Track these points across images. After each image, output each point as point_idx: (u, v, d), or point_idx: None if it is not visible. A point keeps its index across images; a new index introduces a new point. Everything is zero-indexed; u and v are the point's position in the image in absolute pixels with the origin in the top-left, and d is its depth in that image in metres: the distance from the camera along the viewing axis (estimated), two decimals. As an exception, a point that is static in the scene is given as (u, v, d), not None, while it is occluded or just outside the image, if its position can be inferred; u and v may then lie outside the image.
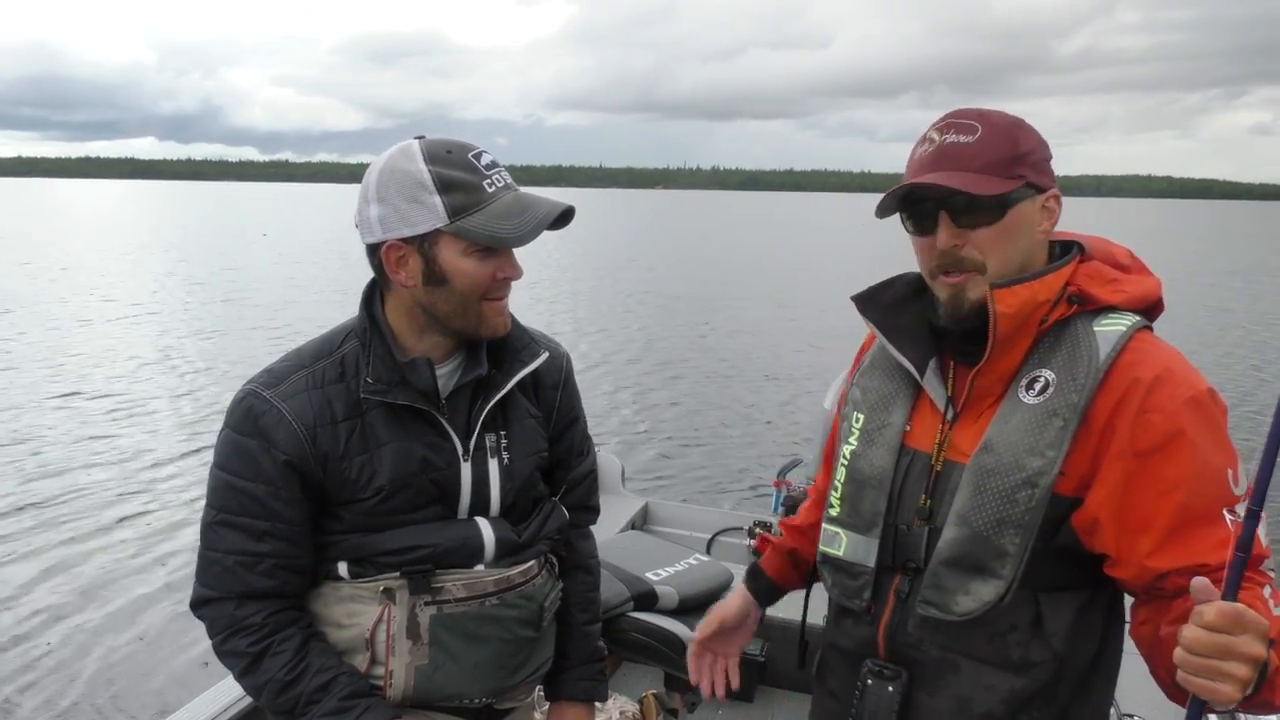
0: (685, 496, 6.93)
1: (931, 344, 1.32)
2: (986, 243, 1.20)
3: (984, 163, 1.19)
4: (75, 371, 11.05)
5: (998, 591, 1.20)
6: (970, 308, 1.23)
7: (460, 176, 1.30)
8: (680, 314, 17.07)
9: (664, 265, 28.51)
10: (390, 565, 1.39)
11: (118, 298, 17.59)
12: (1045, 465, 1.17)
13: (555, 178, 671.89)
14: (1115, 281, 1.25)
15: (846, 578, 1.36)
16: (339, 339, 1.43)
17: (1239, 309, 19.08)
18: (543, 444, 1.54)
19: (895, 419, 1.34)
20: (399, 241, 1.32)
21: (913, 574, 1.29)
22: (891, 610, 1.31)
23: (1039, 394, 1.20)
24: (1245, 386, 11.22)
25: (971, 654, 1.25)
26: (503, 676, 1.47)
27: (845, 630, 1.40)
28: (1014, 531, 1.18)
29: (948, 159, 1.20)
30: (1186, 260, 32.23)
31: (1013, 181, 1.19)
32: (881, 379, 1.39)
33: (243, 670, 1.37)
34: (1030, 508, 1.18)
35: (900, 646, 1.30)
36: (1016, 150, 1.20)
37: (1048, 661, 1.23)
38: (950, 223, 1.21)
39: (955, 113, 1.24)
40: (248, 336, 13.74)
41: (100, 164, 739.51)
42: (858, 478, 1.35)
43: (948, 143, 1.21)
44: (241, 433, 1.36)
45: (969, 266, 1.22)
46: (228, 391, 8.29)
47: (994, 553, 1.20)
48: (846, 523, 1.36)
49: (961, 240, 1.21)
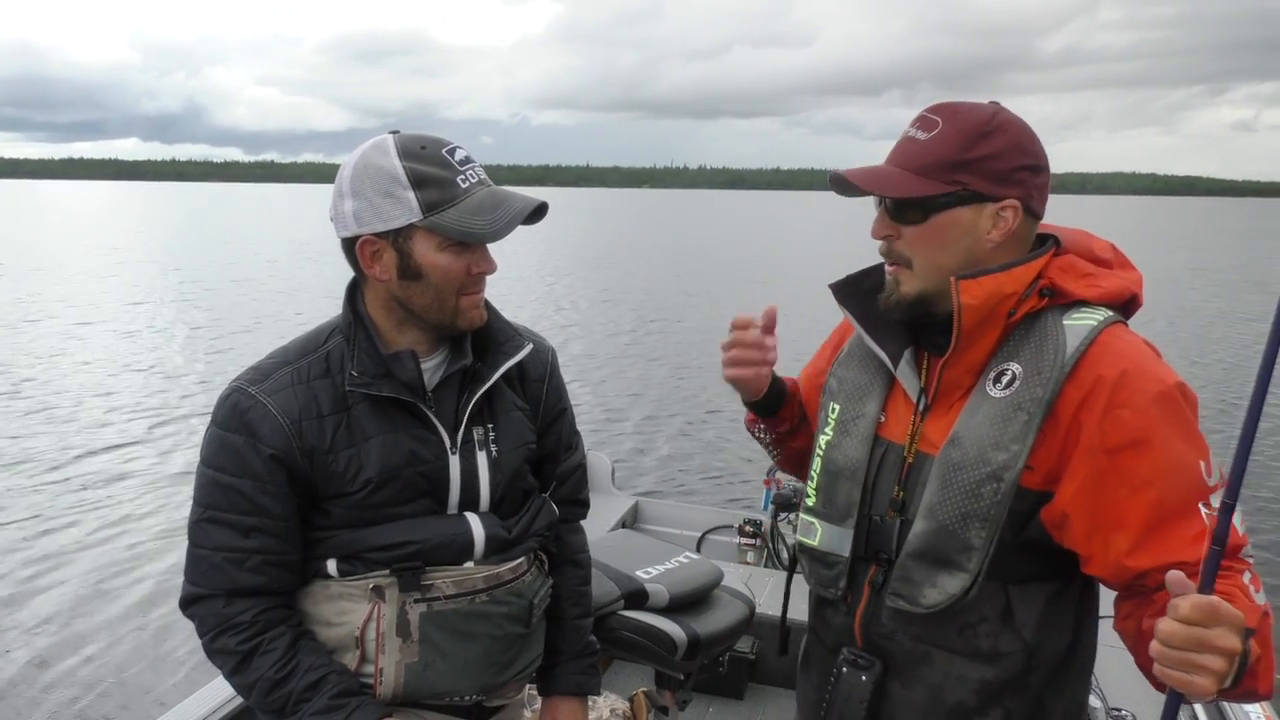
0: (675, 495, 6.94)
1: (907, 334, 1.32)
2: (913, 241, 1.24)
3: (923, 164, 1.21)
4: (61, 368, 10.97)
5: (963, 585, 1.20)
6: (899, 300, 1.26)
7: (434, 172, 1.31)
8: (670, 312, 17.09)
9: (652, 263, 28.54)
10: (380, 561, 1.39)
11: (101, 301, 17.47)
12: (1010, 459, 1.17)
13: (542, 177, 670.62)
14: (1090, 276, 1.25)
15: (822, 567, 1.37)
16: (324, 335, 1.44)
17: (1216, 305, 19.23)
18: (531, 436, 1.54)
19: (869, 410, 1.35)
20: (373, 236, 1.33)
21: (885, 565, 1.30)
22: (866, 600, 1.32)
23: (1005, 387, 1.20)
24: (1215, 376, 11.34)
25: (943, 645, 1.26)
26: (493, 674, 1.47)
27: (824, 620, 1.41)
28: (979, 525, 1.19)
29: (897, 155, 1.24)
30: (1194, 257, 32.41)
31: (946, 186, 1.19)
32: (857, 369, 1.40)
33: (232, 669, 1.37)
34: (995, 502, 1.18)
35: (875, 636, 1.32)
36: (965, 156, 1.19)
37: (1018, 652, 1.23)
38: (885, 214, 1.25)
39: (934, 106, 1.24)
40: (245, 331, 13.67)
41: (84, 165, 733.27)
42: (832, 469, 1.36)
43: (907, 138, 1.24)
44: (228, 429, 1.36)
45: (895, 259, 1.26)
46: (209, 390, 8.20)
47: (959, 546, 1.20)
48: (822, 513, 1.37)
49: (895, 233, 1.25)
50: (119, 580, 5.55)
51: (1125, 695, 2.25)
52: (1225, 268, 29.17)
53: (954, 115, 1.22)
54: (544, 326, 14.39)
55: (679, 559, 2.42)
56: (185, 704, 2.06)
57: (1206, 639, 0.93)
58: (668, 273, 25.60)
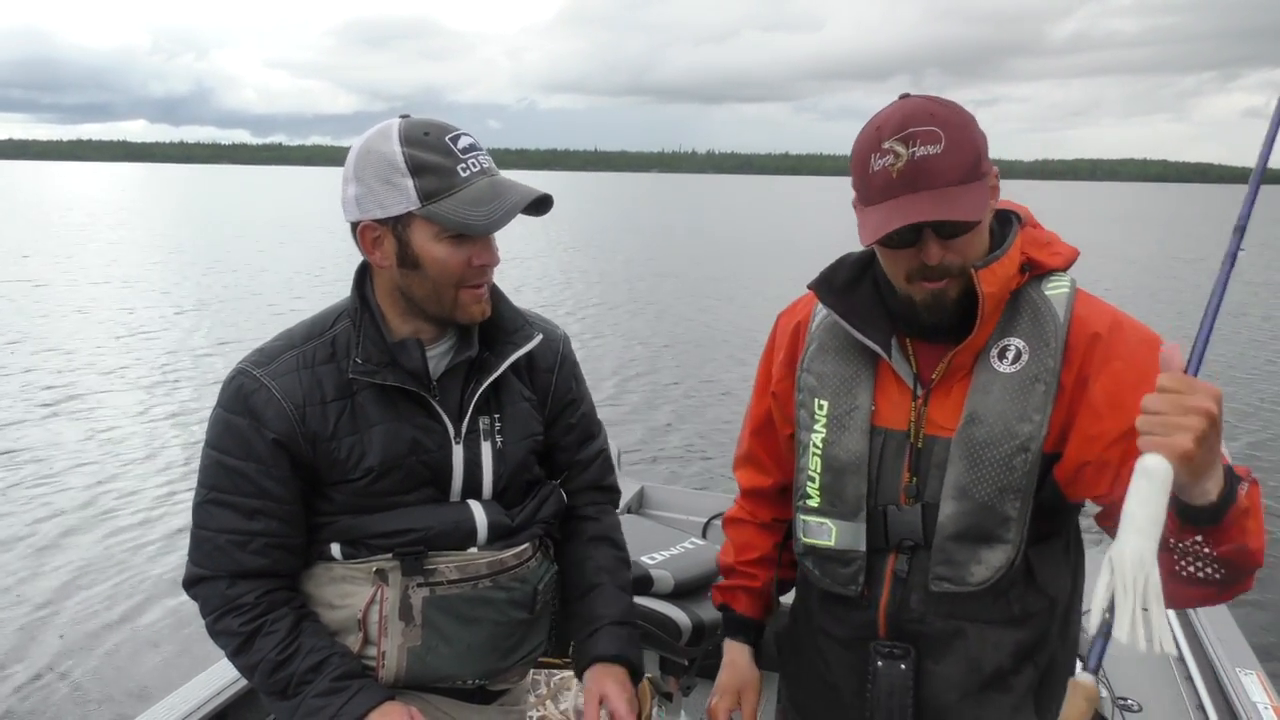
0: (681, 480, 6.93)
1: (890, 323, 1.33)
2: (967, 248, 1.22)
3: (959, 174, 1.17)
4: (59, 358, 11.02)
5: (1008, 556, 1.25)
6: (951, 305, 1.25)
7: (433, 160, 1.29)
8: (678, 295, 17.05)
9: (662, 246, 28.48)
10: (382, 548, 1.39)
11: (110, 279, 17.53)
12: (1034, 429, 1.23)
13: (550, 161, 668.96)
14: (1050, 245, 1.31)
15: (839, 566, 1.36)
16: (330, 319, 1.43)
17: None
18: (538, 427, 1.53)
19: (862, 401, 1.35)
20: (373, 222, 1.33)
21: (910, 552, 1.31)
22: (890, 590, 1.32)
23: (1013, 362, 1.25)
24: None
25: (978, 618, 1.30)
26: (496, 659, 1.47)
27: (838, 617, 1.40)
28: (1014, 497, 1.24)
29: (924, 176, 1.17)
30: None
31: (982, 183, 1.20)
32: (838, 362, 1.38)
33: (235, 649, 1.37)
34: (1026, 471, 1.23)
35: (902, 624, 1.32)
36: (978, 150, 1.20)
37: (1044, 610, 1.31)
38: (936, 238, 1.20)
39: (911, 117, 1.18)
40: (252, 316, 13.70)
41: (92, 146, 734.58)
42: (836, 465, 1.35)
43: (918, 156, 1.17)
44: (232, 411, 1.36)
45: (953, 273, 1.23)
46: (208, 374, 8.18)
47: (998, 520, 1.24)
48: (831, 511, 1.36)
49: (946, 250, 1.21)
50: (113, 569, 5.58)
51: (1131, 685, 2.24)
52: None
53: (942, 121, 1.18)
54: (550, 308, 14.38)
55: (684, 544, 2.41)
56: (187, 687, 2.06)
57: (1185, 401, 0.99)
58: (678, 256, 25.53)
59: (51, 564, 5.51)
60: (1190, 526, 1.07)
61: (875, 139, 1.20)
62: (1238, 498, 1.05)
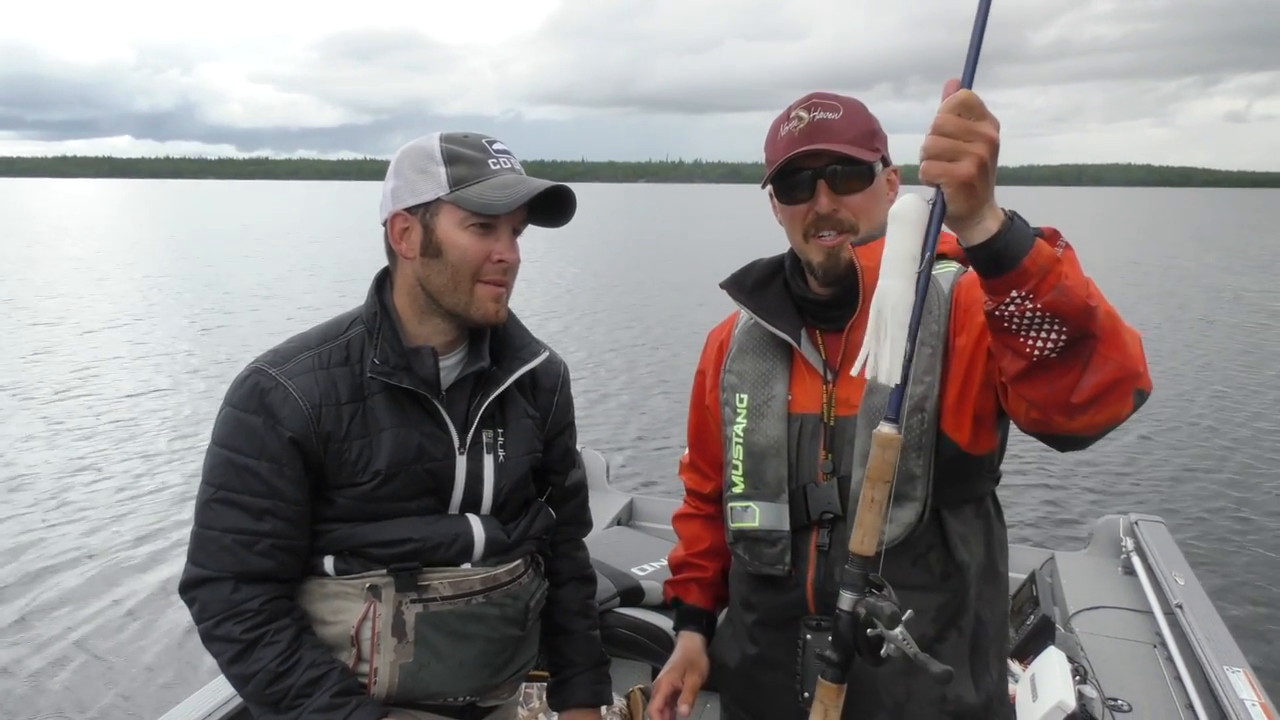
0: (670, 492, 6.94)
1: (798, 317, 1.44)
2: (859, 207, 1.36)
3: (853, 135, 1.34)
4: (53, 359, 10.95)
5: (916, 511, 1.31)
6: (845, 265, 1.36)
7: (467, 153, 1.37)
8: (666, 307, 17.07)
9: (649, 257, 28.52)
10: (378, 558, 1.39)
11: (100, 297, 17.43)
12: (927, 389, 1.31)
13: (537, 172, 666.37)
14: (944, 234, 1.36)
15: (765, 546, 1.42)
16: (345, 324, 1.46)
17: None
18: (538, 445, 1.56)
19: (778, 391, 1.43)
20: (404, 212, 1.38)
21: (830, 525, 1.37)
22: (815, 566, 1.38)
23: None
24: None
25: (898, 584, 1.28)
26: (487, 675, 1.47)
27: (767, 599, 1.45)
28: (915, 454, 1.30)
29: (821, 133, 1.34)
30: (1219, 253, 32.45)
31: (874, 153, 1.36)
32: (754, 359, 1.48)
33: (233, 657, 1.34)
34: (924, 430, 1.30)
35: (829, 598, 1.32)
36: (873, 126, 1.38)
37: (958, 571, 1.36)
38: (829, 189, 1.35)
39: (816, 95, 1.37)
40: (251, 326, 13.65)
41: (77, 163, 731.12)
42: (755, 451, 1.43)
43: (817, 119, 1.35)
44: (246, 410, 1.36)
45: (844, 228, 1.35)
46: (202, 383, 8.06)
47: (905, 477, 1.30)
48: (754, 494, 1.42)
49: (838, 205, 1.35)
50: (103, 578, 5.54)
51: (1121, 686, 2.26)
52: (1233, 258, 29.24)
53: (840, 99, 1.36)
54: (542, 322, 14.38)
55: (675, 556, 2.41)
56: (181, 708, 2.03)
57: (971, 127, 0.99)
58: (665, 265, 25.59)
59: (33, 580, 5.47)
60: (996, 280, 1.05)
61: (785, 113, 1.39)
62: (1037, 244, 1.03)
